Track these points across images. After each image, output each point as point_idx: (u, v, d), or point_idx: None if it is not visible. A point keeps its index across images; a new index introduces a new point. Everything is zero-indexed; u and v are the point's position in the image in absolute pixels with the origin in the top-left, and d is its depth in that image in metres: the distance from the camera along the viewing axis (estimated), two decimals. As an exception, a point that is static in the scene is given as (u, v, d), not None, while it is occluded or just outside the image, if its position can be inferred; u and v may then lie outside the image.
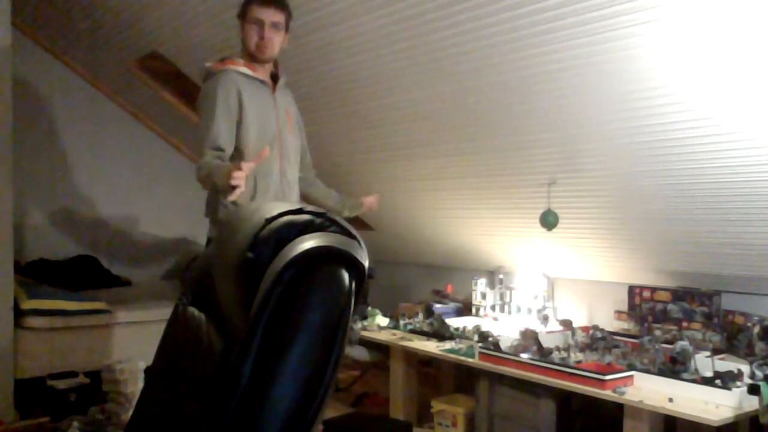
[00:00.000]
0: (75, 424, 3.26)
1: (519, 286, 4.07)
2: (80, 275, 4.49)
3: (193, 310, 1.13)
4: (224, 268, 0.99)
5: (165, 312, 1.33)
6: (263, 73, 2.53)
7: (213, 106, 2.38)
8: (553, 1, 2.25)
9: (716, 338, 3.09)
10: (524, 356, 2.96)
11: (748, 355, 2.86)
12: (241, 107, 2.41)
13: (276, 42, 2.47)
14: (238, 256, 0.92)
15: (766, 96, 2.26)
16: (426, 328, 3.75)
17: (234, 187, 2.11)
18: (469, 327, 3.62)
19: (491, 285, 4.20)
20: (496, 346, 3.11)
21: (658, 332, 3.24)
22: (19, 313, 3.62)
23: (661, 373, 2.66)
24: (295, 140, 2.65)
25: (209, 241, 2.51)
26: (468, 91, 2.98)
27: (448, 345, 3.41)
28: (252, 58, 2.49)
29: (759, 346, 2.87)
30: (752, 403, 2.36)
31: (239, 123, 2.42)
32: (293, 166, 2.62)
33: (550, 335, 3.26)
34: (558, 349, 3.01)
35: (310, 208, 0.96)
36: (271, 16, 2.43)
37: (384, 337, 3.72)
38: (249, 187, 2.43)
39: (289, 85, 2.69)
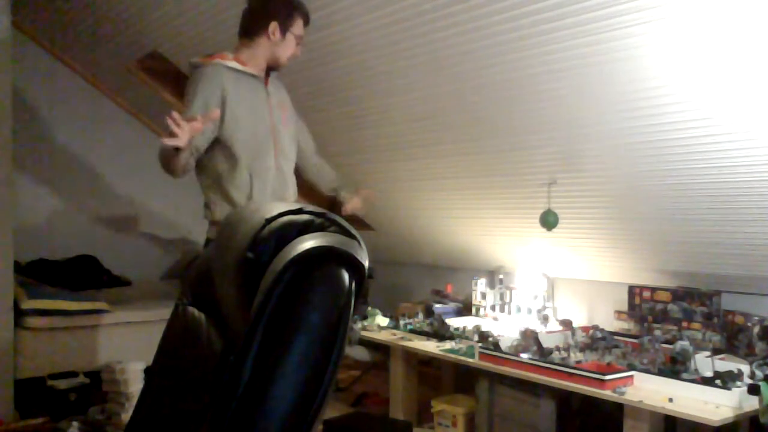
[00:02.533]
0: (75, 424, 3.26)
1: (519, 286, 4.07)
2: (80, 275, 4.48)
3: (193, 310, 1.13)
4: (224, 268, 0.99)
5: (165, 312, 1.33)
6: (255, 67, 2.47)
7: (191, 99, 2.34)
8: (553, 1, 2.25)
9: (716, 338, 3.09)
10: (524, 356, 2.96)
11: (748, 355, 2.87)
12: (224, 103, 2.35)
13: None
14: (238, 256, 0.92)
15: (766, 96, 2.26)
16: (426, 328, 3.75)
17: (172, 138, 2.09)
18: (469, 327, 3.62)
19: (491, 285, 4.20)
20: (496, 346, 3.11)
21: (658, 332, 3.24)
22: (19, 313, 3.63)
23: (661, 373, 2.66)
24: (290, 135, 2.59)
25: (208, 241, 2.49)
26: (468, 91, 2.98)
27: (448, 345, 3.41)
28: (274, 65, 2.49)
29: (759, 346, 2.87)
30: (752, 403, 2.36)
31: (221, 119, 2.35)
32: (289, 160, 2.58)
33: (550, 335, 3.26)
34: (558, 349, 3.01)
35: (310, 208, 0.96)
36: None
37: (384, 337, 3.71)
38: (245, 184, 2.41)
39: (279, 78, 2.64)
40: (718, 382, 2.49)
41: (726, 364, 2.66)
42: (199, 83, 2.35)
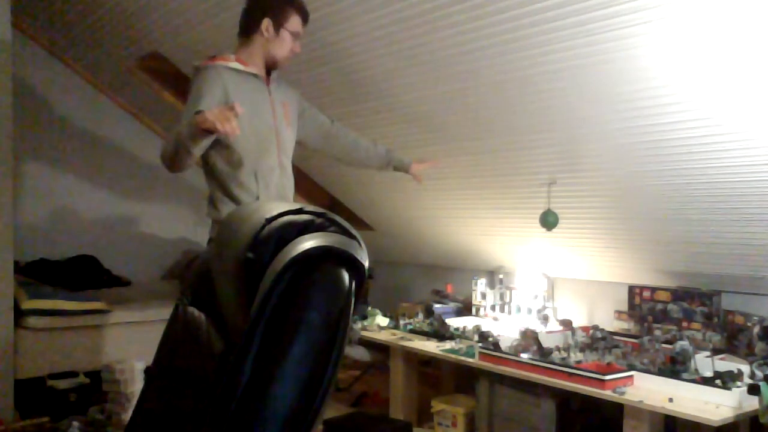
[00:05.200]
0: (75, 424, 3.26)
1: (519, 286, 4.07)
2: (80, 275, 4.49)
3: (193, 310, 1.13)
4: (224, 268, 0.99)
5: (165, 312, 1.33)
6: (254, 66, 2.46)
7: (194, 100, 2.32)
8: (553, 1, 2.25)
9: (716, 338, 3.09)
10: (524, 356, 2.96)
11: (748, 355, 2.87)
12: (226, 104, 2.29)
13: None
14: (238, 256, 0.92)
15: (766, 96, 2.26)
16: (426, 328, 3.75)
17: (208, 124, 2.02)
18: (469, 327, 3.62)
19: (491, 285, 4.20)
20: (496, 346, 3.11)
21: (658, 332, 3.24)
22: (19, 313, 3.62)
23: (661, 373, 2.66)
24: (292, 133, 2.59)
25: (210, 241, 2.48)
26: (468, 91, 2.98)
27: (448, 345, 3.41)
28: (271, 64, 2.48)
29: (759, 346, 2.87)
30: (752, 403, 2.36)
31: None
32: (289, 158, 2.58)
33: (550, 335, 3.27)
34: (558, 349, 3.01)
35: (310, 208, 0.96)
36: (302, 30, 2.49)
37: (384, 337, 3.71)
38: (251, 184, 2.41)
39: (280, 77, 2.63)
40: (718, 382, 2.49)
41: (726, 364, 2.66)
42: (201, 85, 2.35)
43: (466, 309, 4.23)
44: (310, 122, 2.72)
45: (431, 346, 3.43)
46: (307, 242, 0.87)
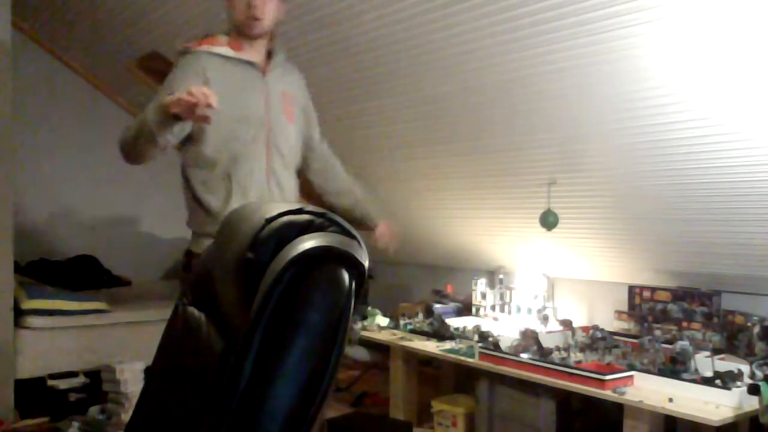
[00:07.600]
0: (75, 424, 3.27)
1: (519, 286, 4.07)
2: (80, 275, 4.49)
3: (193, 310, 1.13)
4: (224, 268, 0.99)
5: (165, 312, 1.32)
6: (253, 52, 2.09)
7: (165, 90, 1.97)
8: (554, 1, 2.25)
9: (716, 338, 3.09)
10: (524, 356, 2.96)
11: (748, 355, 2.87)
12: None
13: (268, 11, 2.04)
14: (238, 256, 0.92)
15: (766, 96, 2.26)
16: (426, 328, 3.75)
17: (178, 108, 1.73)
18: (469, 327, 3.62)
19: (491, 285, 4.20)
20: (496, 346, 3.12)
21: (658, 332, 3.24)
22: (19, 313, 3.63)
23: (661, 373, 2.66)
24: (292, 127, 2.18)
25: (188, 253, 2.11)
26: (468, 91, 2.98)
27: (448, 345, 3.41)
28: (241, 33, 2.07)
29: (759, 346, 2.87)
30: (752, 403, 2.36)
31: None
32: (287, 161, 2.17)
33: (550, 335, 3.27)
34: (558, 349, 3.01)
35: (310, 208, 0.96)
36: None
37: (384, 337, 3.72)
38: (222, 190, 2.06)
39: (289, 62, 2.25)
40: (718, 382, 2.49)
41: (726, 364, 2.66)
42: (175, 74, 2.05)
43: (466, 309, 4.23)
44: (302, 122, 2.31)
45: (431, 346, 3.43)
46: (307, 242, 0.87)
